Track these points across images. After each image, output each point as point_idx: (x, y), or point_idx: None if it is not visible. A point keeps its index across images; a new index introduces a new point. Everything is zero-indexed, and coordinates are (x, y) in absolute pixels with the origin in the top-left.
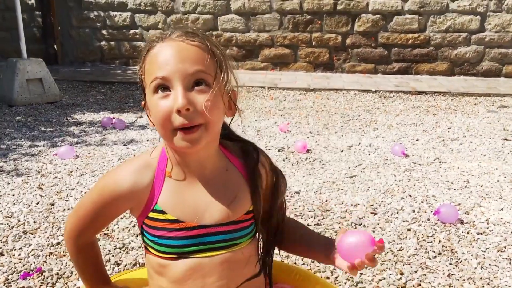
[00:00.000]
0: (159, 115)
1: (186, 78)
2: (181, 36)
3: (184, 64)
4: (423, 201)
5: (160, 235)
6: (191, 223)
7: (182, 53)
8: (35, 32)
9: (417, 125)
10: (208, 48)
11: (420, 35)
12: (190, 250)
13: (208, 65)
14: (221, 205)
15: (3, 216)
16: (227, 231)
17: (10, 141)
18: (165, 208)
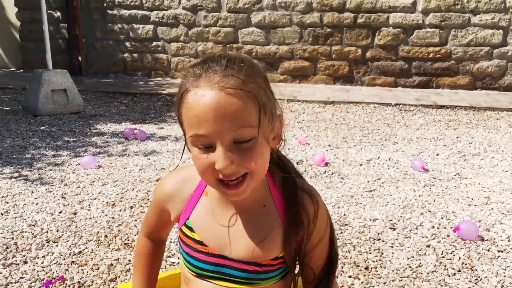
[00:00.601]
0: (200, 168)
1: (227, 136)
2: (220, 82)
3: (224, 123)
4: (443, 217)
5: (186, 251)
6: (214, 250)
7: (222, 109)
8: (60, 44)
9: (437, 140)
10: (251, 93)
11: (441, 48)
12: (209, 275)
13: (250, 117)
14: (247, 243)
15: (27, 224)
16: (249, 270)
17: (35, 151)
18: (194, 226)
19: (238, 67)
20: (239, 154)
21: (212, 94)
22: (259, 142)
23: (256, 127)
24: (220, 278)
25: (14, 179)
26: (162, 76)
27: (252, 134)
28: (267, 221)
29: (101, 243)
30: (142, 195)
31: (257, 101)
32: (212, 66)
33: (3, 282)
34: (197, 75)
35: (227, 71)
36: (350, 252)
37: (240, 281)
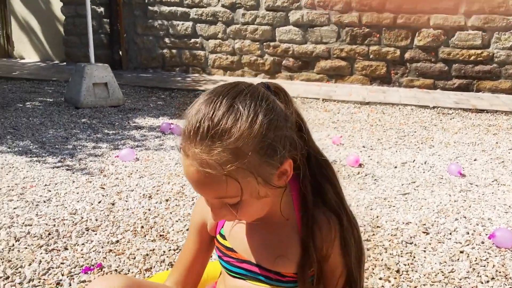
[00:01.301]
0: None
1: (212, 201)
2: (199, 160)
3: (206, 193)
4: (478, 223)
5: (219, 255)
6: (242, 256)
7: (201, 184)
8: (102, 38)
9: (476, 144)
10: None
11: (483, 51)
12: (239, 277)
13: (229, 191)
14: (270, 254)
15: (68, 212)
16: (271, 277)
17: (76, 142)
18: (226, 234)
19: (225, 140)
20: (228, 211)
21: (192, 169)
22: (247, 201)
23: (238, 195)
24: (250, 278)
25: (56, 169)
26: (199, 73)
27: (235, 201)
28: (288, 237)
29: (137, 234)
30: (178, 188)
31: (235, 180)
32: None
33: (45, 266)
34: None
35: (210, 148)
36: (381, 255)
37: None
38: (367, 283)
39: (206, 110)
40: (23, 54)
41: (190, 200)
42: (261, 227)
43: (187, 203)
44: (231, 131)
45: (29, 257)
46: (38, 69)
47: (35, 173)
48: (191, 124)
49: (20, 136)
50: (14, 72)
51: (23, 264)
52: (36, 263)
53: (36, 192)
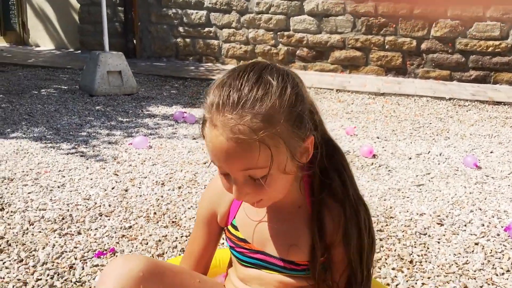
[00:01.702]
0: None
1: (238, 174)
2: (231, 128)
3: (233, 165)
4: (493, 215)
5: (232, 246)
6: (255, 247)
7: (230, 154)
8: (116, 26)
9: (492, 137)
10: (261, 142)
11: (502, 43)
12: (251, 266)
13: (259, 161)
14: (283, 243)
15: (82, 198)
16: (286, 267)
17: (90, 129)
18: (239, 225)
19: (257, 108)
20: (252, 187)
21: (221, 139)
22: (273, 175)
23: (267, 167)
24: (263, 267)
25: (71, 155)
26: (212, 62)
27: (263, 173)
28: (300, 225)
29: (150, 220)
30: (190, 176)
31: (268, 148)
32: (229, 103)
33: (59, 250)
34: (214, 108)
35: (241, 115)
36: (394, 245)
37: (280, 271)
38: (380, 273)
39: (234, 83)
40: (38, 41)
41: (203, 188)
42: (273, 217)
43: (200, 190)
44: (262, 99)
45: (43, 240)
46: (53, 57)
47: (49, 158)
48: (219, 96)
49: (35, 123)
50: (30, 59)
51: (37, 247)
52: (49, 247)
53: (50, 178)
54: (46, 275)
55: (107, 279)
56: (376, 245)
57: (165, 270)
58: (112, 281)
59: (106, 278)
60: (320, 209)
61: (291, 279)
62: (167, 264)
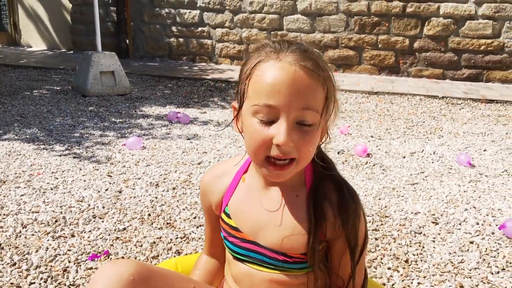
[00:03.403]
0: (255, 142)
1: (294, 113)
2: (299, 60)
3: (296, 99)
4: (488, 214)
5: (224, 236)
6: (248, 236)
7: (297, 85)
8: (109, 26)
9: (485, 135)
10: (323, 80)
11: (494, 41)
12: (242, 258)
13: (318, 102)
14: (277, 233)
15: (75, 200)
16: (278, 259)
17: (83, 130)
18: (231, 213)
19: (316, 54)
20: (298, 136)
21: (291, 69)
22: (316, 128)
23: (320, 113)
24: (253, 262)
25: (64, 156)
26: (206, 62)
27: (315, 120)
28: (297, 214)
29: (144, 221)
30: (184, 177)
31: (326, 89)
32: (292, 47)
33: (52, 253)
34: (277, 49)
35: (306, 54)
36: (390, 244)
37: (271, 267)
38: (376, 272)
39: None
40: (30, 42)
41: (197, 189)
42: (268, 205)
43: (194, 191)
44: (319, 53)
45: (36, 243)
46: (45, 57)
47: (42, 160)
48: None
49: (27, 124)
50: (22, 60)
51: (30, 250)
52: (43, 250)
53: (43, 180)
54: (39, 279)
55: (97, 282)
56: (372, 245)
57: (155, 274)
58: (101, 285)
59: (96, 282)
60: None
61: (282, 277)
62: (158, 268)
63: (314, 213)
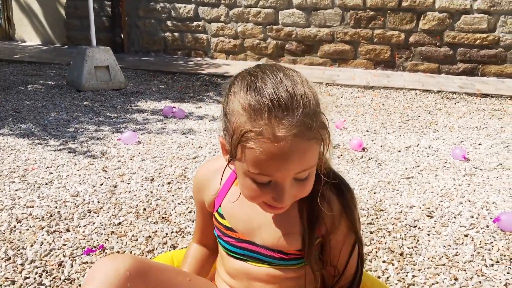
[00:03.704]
0: (250, 197)
1: (290, 178)
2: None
3: (295, 167)
4: (482, 207)
5: (218, 235)
6: (243, 236)
7: (295, 157)
8: (104, 21)
9: (480, 129)
10: (319, 138)
11: (489, 35)
12: (238, 256)
13: (315, 158)
14: (273, 232)
15: (70, 195)
16: (275, 257)
17: (78, 125)
18: (225, 213)
19: (312, 114)
20: (296, 189)
21: (286, 146)
22: (312, 172)
23: (315, 164)
24: (249, 260)
25: (58, 151)
26: (201, 56)
27: (312, 172)
28: (293, 213)
29: (139, 216)
30: (180, 171)
31: (321, 143)
32: (288, 113)
33: (47, 248)
34: (264, 117)
35: (305, 121)
36: (385, 238)
37: (268, 262)
38: (371, 266)
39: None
40: (24, 37)
41: (192, 183)
42: None
43: (189, 186)
44: (305, 97)
45: (31, 238)
46: (40, 52)
47: (36, 155)
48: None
49: (21, 119)
50: (16, 55)
51: (24, 245)
52: (37, 245)
53: (37, 174)
54: (34, 273)
55: (94, 278)
56: (367, 238)
57: (151, 268)
58: (98, 280)
59: (93, 277)
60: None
61: (280, 272)
62: (155, 262)
63: (308, 210)
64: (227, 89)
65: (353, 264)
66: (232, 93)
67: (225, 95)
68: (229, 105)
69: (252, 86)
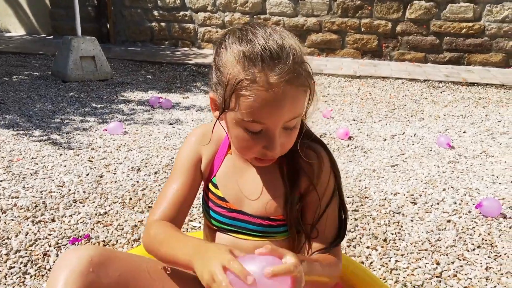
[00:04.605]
0: (242, 148)
1: (282, 125)
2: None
3: (286, 114)
4: (465, 193)
5: (210, 206)
6: (234, 206)
7: (286, 104)
8: (89, 11)
9: (465, 117)
10: (309, 88)
11: (475, 24)
12: (228, 228)
13: (302, 107)
14: (260, 199)
15: (55, 185)
16: (263, 224)
17: (63, 115)
18: (219, 183)
19: (300, 63)
20: (284, 138)
21: (279, 92)
22: (298, 124)
23: (304, 113)
24: (237, 232)
25: (43, 142)
26: (188, 46)
27: (298, 121)
28: (276, 178)
29: (125, 205)
30: (167, 161)
31: (310, 93)
32: (279, 61)
33: (32, 237)
34: (257, 65)
35: (295, 68)
36: (369, 224)
37: (256, 234)
38: (354, 251)
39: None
40: (9, 27)
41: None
42: (251, 173)
43: None
44: (294, 48)
45: (16, 228)
46: (25, 43)
47: (21, 146)
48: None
49: (6, 110)
50: (0, 46)
51: (9, 235)
52: (23, 235)
53: (23, 165)
54: (19, 263)
55: (58, 265)
56: (351, 225)
57: (117, 256)
58: (62, 266)
59: (57, 265)
60: (295, 158)
61: None
62: (121, 252)
63: (289, 167)
64: (218, 44)
65: (333, 224)
66: (224, 47)
67: (216, 50)
68: (222, 58)
69: (244, 39)
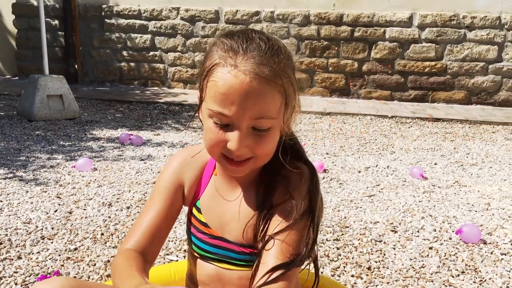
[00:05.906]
0: (210, 141)
1: (248, 122)
2: (256, 69)
3: (250, 110)
4: (444, 221)
5: (193, 232)
6: (215, 232)
7: (251, 96)
8: (57, 51)
9: (435, 150)
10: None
11: (437, 63)
12: (210, 257)
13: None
14: (239, 225)
15: (21, 222)
16: (245, 252)
17: (29, 153)
18: (202, 207)
19: (276, 56)
20: (253, 140)
21: (246, 79)
22: (274, 130)
23: (276, 118)
24: (221, 261)
25: (8, 180)
26: (158, 86)
27: (271, 124)
28: (250, 202)
29: (97, 241)
30: (139, 196)
31: (284, 95)
32: (251, 48)
33: None
34: (234, 52)
35: (265, 59)
36: (352, 253)
37: (239, 263)
38: (339, 280)
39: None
40: None
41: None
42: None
43: None
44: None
45: None
46: None
47: None
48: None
49: None
50: None
51: None
52: None
53: None
54: None
55: None
56: (334, 254)
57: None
58: None
59: None
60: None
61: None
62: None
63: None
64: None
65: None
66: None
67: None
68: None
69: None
